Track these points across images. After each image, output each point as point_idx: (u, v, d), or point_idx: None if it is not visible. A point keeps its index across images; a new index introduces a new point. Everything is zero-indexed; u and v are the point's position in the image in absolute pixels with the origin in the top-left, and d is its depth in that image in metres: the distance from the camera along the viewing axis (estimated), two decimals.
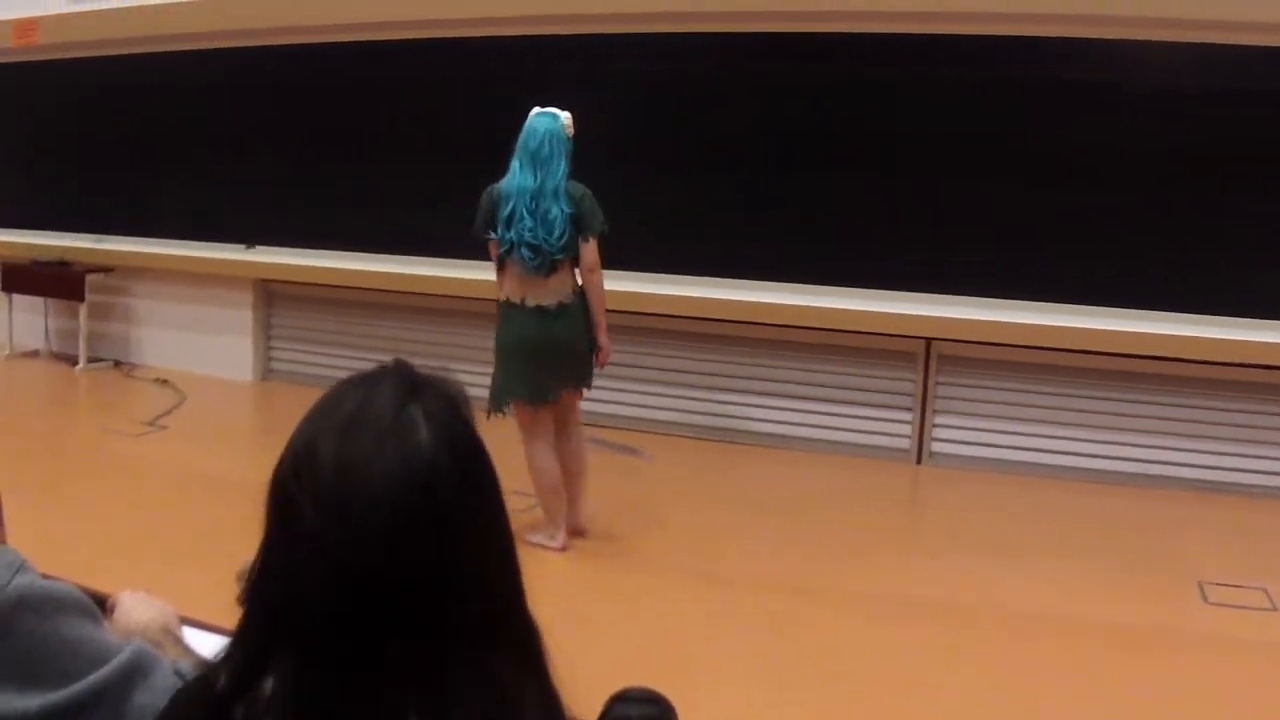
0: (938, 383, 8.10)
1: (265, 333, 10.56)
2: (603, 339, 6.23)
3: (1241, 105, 7.33)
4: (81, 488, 6.68)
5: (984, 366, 7.94)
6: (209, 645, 2.08)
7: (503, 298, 6.16)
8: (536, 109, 6.15)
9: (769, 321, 8.20)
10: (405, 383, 1.38)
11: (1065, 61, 7.54)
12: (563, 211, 5.95)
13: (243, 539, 5.03)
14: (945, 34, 7.75)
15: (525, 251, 5.92)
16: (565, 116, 6.13)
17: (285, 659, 1.30)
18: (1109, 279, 7.53)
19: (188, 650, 1.97)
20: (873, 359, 8.21)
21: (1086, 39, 7.47)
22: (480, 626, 1.33)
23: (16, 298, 11.07)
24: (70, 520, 5.91)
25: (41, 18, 11.08)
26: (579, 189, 6.07)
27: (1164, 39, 7.32)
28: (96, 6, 10.82)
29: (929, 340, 8.02)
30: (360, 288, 9.62)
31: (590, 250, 6.08)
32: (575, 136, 6.16)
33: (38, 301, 11.25)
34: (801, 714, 4.45)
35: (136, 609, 1.98)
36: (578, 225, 6.01)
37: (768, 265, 8.21)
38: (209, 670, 1.41)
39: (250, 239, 10.30)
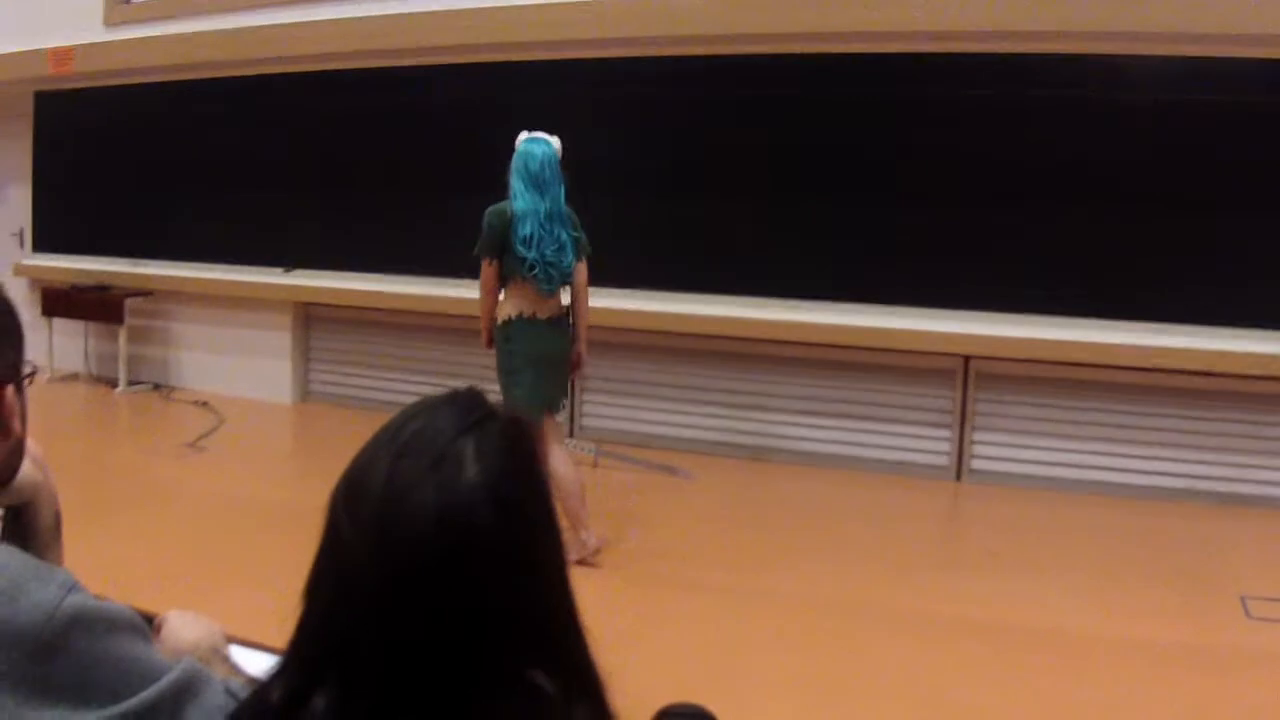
0: (977, 399, 8.08)
1: (304, 355, 10.60)
2: (584, 349, 6.48)
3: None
4: (122, 509, 6.70)
5: (1023, 383, 7.92)
6: (255, 664, 2.09)
7: (513, 315, 6.24)
8: (525, 134, 6.32)
9: (808, 340, 8.20)
10: (467, 412, 1.39)
11: (1098, 78, 7.53)
12: (570, 236, 6.21)
13: (283, 560, 5.04)
14: (975, 52, 7.75)
15: (549, 271, 6.12)
16: (555, 141, 6.31)
17: (334, 678, 1.31)
18: (1149, 294, 7.51)
19: (235, 669, 1.99)
20: (911, 376, 8.20)
21: (1126, 55, 7.46)
22: (528, 654, 1.33)
23: (57, 322, 11.12)
24: (111, 541, 5.93)
25: (78, 46, 11.15)
26: (571, 212, 6.31)
27: (1200, 53, 7.31)
28: (133, 35, 10.89)
29: (967, 358, 8.00)
30: (399, 310, 9.65)
31: (583, 270, 6.36)
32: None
33: (78, 325, 11.31)
34: None
35: (184, 628, 1.99)
36: (575, 246, 6.27)
37: (806, 284, 8.22)
38: (263, 686, 1.41)
39: (289, 262, 10.34)
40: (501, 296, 6.32)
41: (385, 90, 9.73)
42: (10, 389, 1.65)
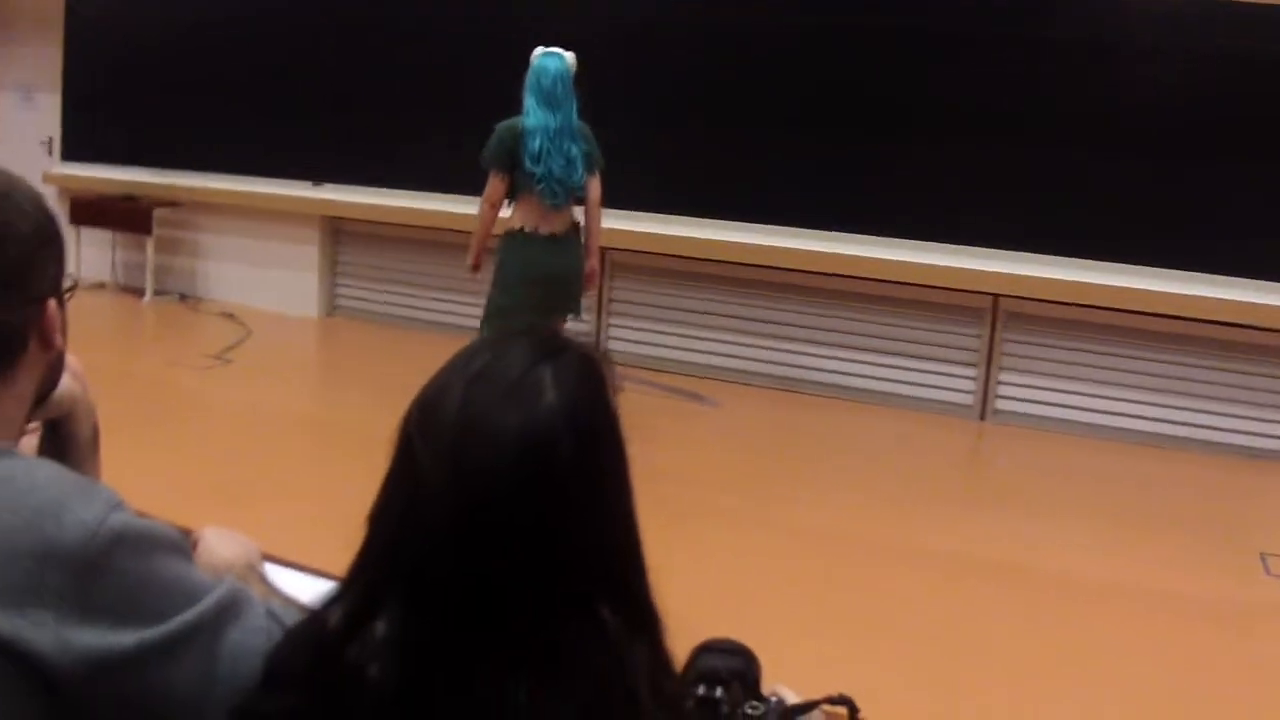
0: (1004, 339, 8.05)
1: (331, 269, 10.59)
2: (596, 264, 6.72)
3: None
4: (149, 421, 6.70)
5: (1052, 325, 7.89)
6: (290, 582, 2.09)
7: (514, 228, 6.46)
8: (540, 49, 6.46)
9: (839, 272, 8.18)
10: (542, 344, 1.38)
11: (1136, 20, 7.46)
12: (580, 150, 6.35)
13: (311, 473, 5.06)
14: None
15: (555, 187, 6.29)
16: (570, 57, 6.47)
17: (397, 603, 1.31)
18: (1183, 242, 7.47)
19: (272, 588, 1.98)
20: (940, 313, 8.18)
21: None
22: (594, 587, 1.33)
23: (84, 231, 11.11)
24: (137, 454, 5.91)
25: None
26: (584, 127, 6.43)
27: None
28: None
29: (997, 296, 7.97)
30: (427, 226, 9.62)
31: (596, 185, 6.54)
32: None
33: (105, 235, 11.32)
34: (871, 668, 4.42)
35: (220, 545, 1.98)
36: (587, 161, 6.41)
37: (839, 215, 8.19)
38: (320, 610, 1.41)
39: (318, 176, 10.32)
40: (510, 211, 6.47)
41: (422, 3, 9.66)
42: (53, 302, 1.64)
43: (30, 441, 1.83)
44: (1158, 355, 7.70)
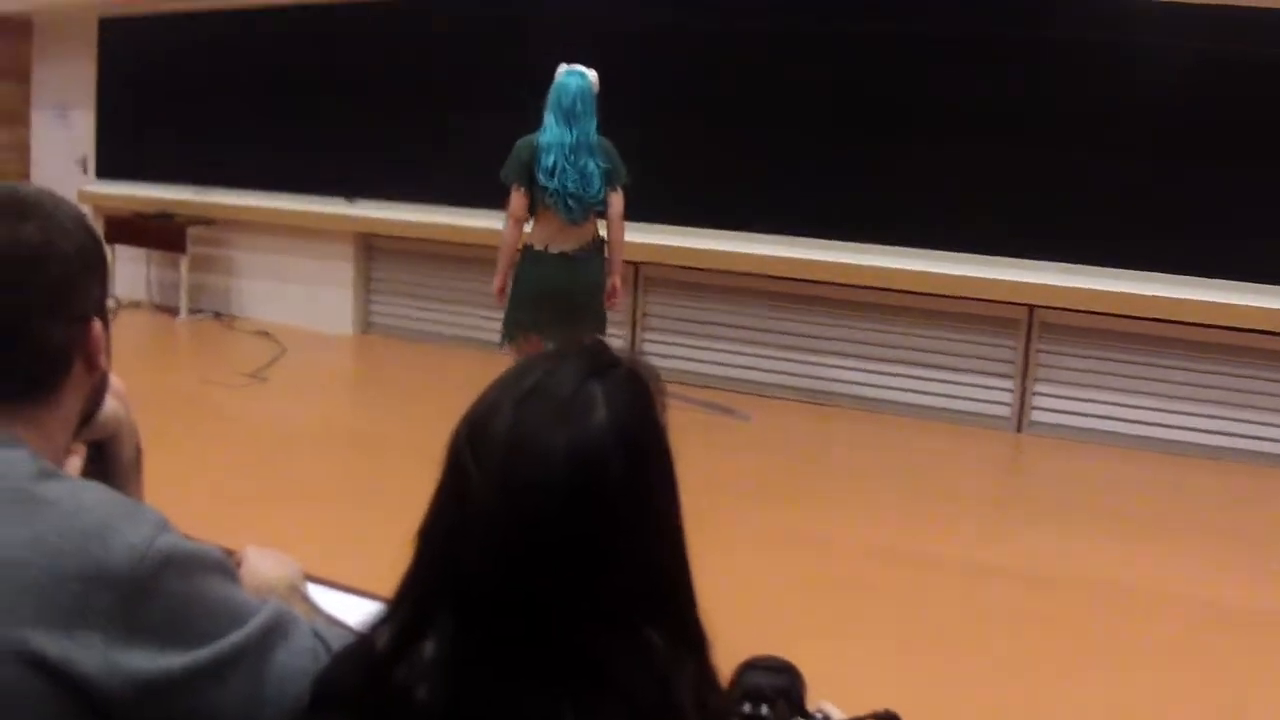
0: (1039, 350, 8.02)
1: (365, 286, 10.62)
2: (618, 281, 6.66)
3: None
4: (185, 439, 6.70)
5: (1088, 335, 7.85)
6: (330, 601, 2.09)
7: (531, 244, 6.59)
8: (564, 66, 6.56)
9: (871, 284, 8.16)
10: (593, 361, 1.38)
11: (1177, 26, 7.42)
12: (598, 166, 6.39)
13: (349, 491, 5.06)
14: None
15: (570, 203, 6.35)
16: (592, 74, 6.52)
17: (446, 622, 1.31)
18: (1218, 250, 7.42)
19: (315, 608, 1.98)
20: (975, 324, 8.15)
21: (1201, 3, 7.35)
22: (642, 605, 1.33)
23: (119, 249, 11.16)
24: (174, 472, 5.90)
25: None
26: (606, 143, 6.49)
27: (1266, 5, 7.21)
28: None
29: (1032, 307, 7.94)
30: (460, 243, 9.63)
31: (618, 200, 6.53)
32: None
33: (140, 253, 11.37)
34: (914, 683, 4.41)
35: (264, 565, 1.98)
36: (607, 177, 6.43)
37: (871, 227, 8.17)
38: (369, 630, 1.41)
39: (351, 193, 10.35)
40: (531, 227, 6.57)
41: (451, 17, 9.69)
42: (97, 323, 1.64)
43: (74, 462, 1.83)
44: (1195, 364, 7.65)
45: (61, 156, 12.66)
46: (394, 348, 10.16)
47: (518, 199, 6.49)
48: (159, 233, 11.05)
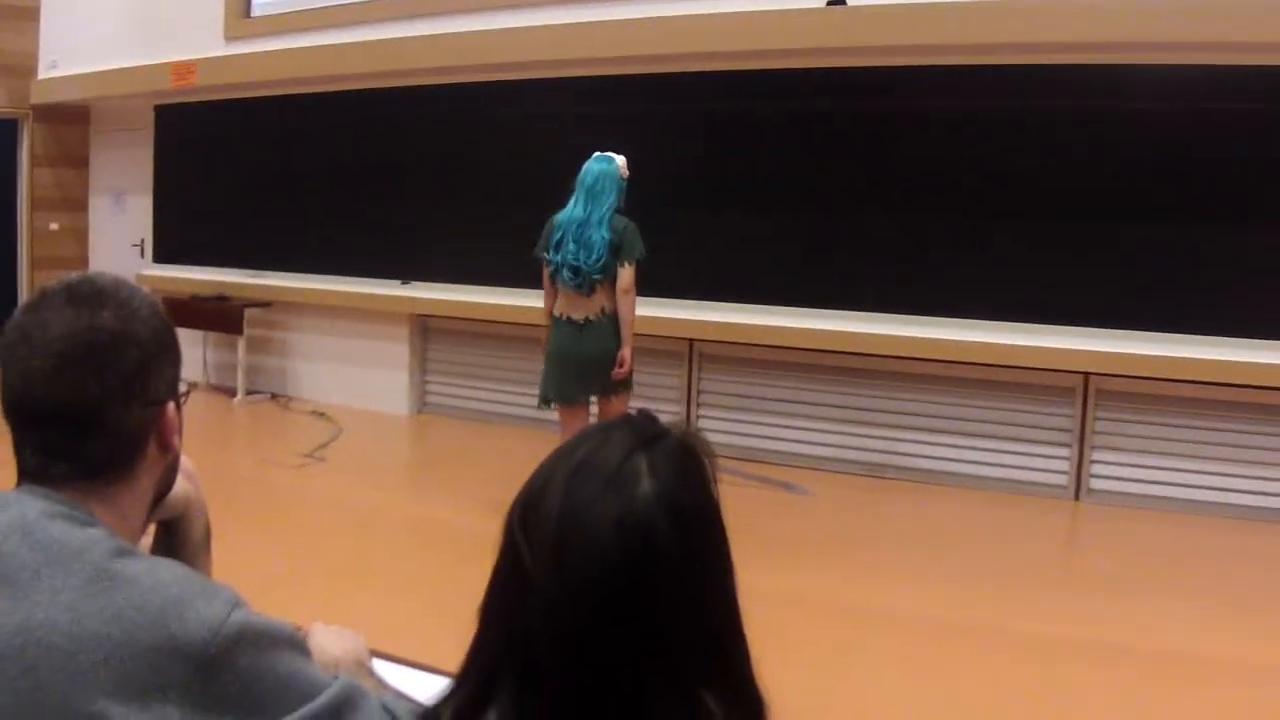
0: (1097, 418, 7.98)
1: (420, 366, 10.68)
2: (625, 353, 6.81)
3: None
4: (244, 519, 6.73)
5: (1145, 401, 7.81)
6: (394, 676, 2.11)
7: (552, 313, 6.99)
8: (596, 154, 6.96)
9: (926, 356, 8.14)
10: (640, 432, 1.40)
11: (1236, 90, 7.42)
12: (603, 238, 6.65)
13: (408, 569, 5.09)
14: (1100, 64, 7.68)
15: (566, 273, 6.72)
16: (620, 160, 6.90)
17: (507, 696, 1.33)
18: (1274, 311, 7.38)
19: (381, 683, 2.00)
20: (1031, 394, 8.12)
21: (1247, 65, 7.36)
22: (698, 671, 1.34)
23: (176, 331, 11.23)
24: (235, 552, 5.96)
25: (200, 60, 11.31)
26: (622, 221, 6.73)
27: None
28: (253, 49, 11.04)
29: (1087, 375, 7.91)
30: (514, 322, 9.68)
31: (626, 274, 6.71)
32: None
33: (197, 335, 11.46)
34: None
35: (330, 641, 2.01)
36: (616, 252, 6.67)
37: (924, 299, 8.17)
38: (436, 704, 1.43)
39: (406, 274, 10.43)
40: None
41: (503, 103, 9.80)
42: (170, 406, 1.68)
43: (144, 540, 1.86)
44: (1253, 427, 7.59)
45: (119, 241, 12.83)
46: (450, 427, 10.20)
47: (545, 271, 6.92)
48: (216, 315, 11.15)
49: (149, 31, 11.79)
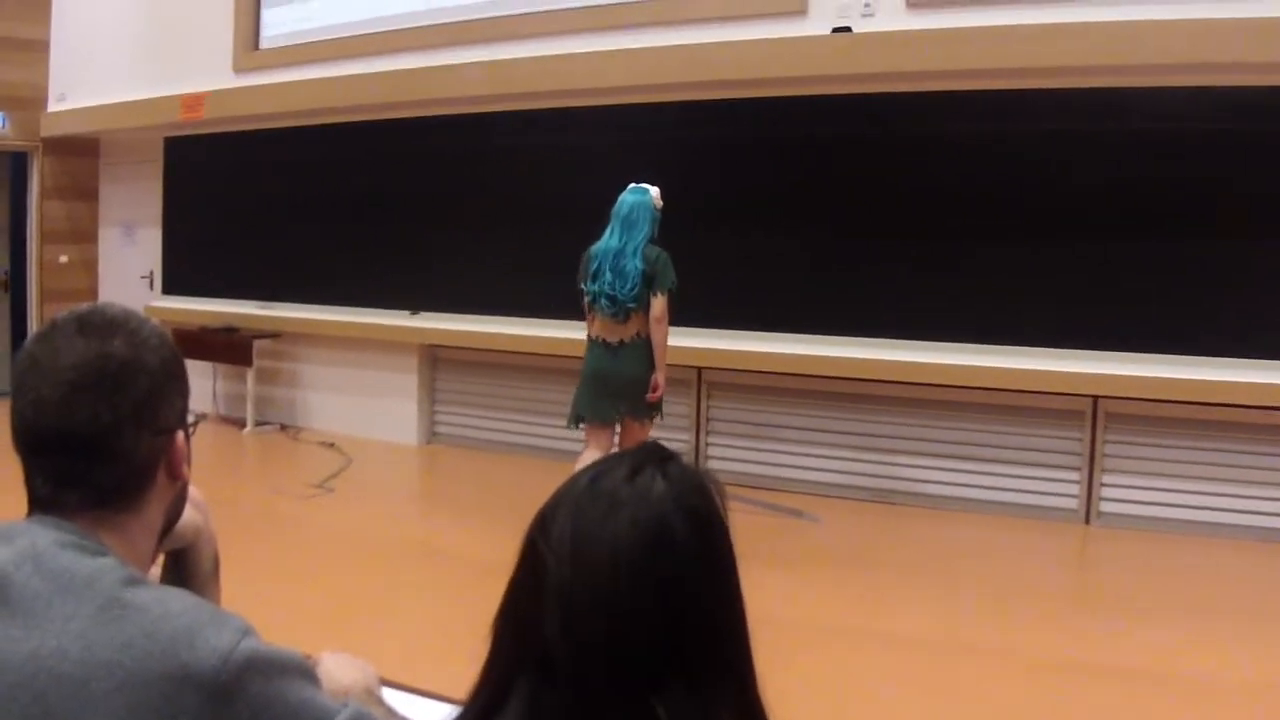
0: (1106, 440, 7.98)
1: (430, 397, 10.69)
2: (659, 378, 7.07)
3: None
4: (255, 549, 6.74)
5: (1155, 424, 7.81)
6: (404, 705, 2.12)
7: (589, 335, 7.25)
8: (631, 185, 7.22)
9: (934, 382, 8.14)
10: (650, 454, 1.44)
11: (1242, 110, 7.43)
12: (637, 268, 6.92)
13: (418, 599, 5.09)
14: (1104, 86, 7.69)
15: (604, 301, 7.00)
16: (654, 191, 7.17)
17: (522, 701, 1.36)
18: None
19: (391, 711, 2.01)
20: (1039, 418, 8.12)
21: (1249, 85, 7.37)
22: (710, 675, 1.35)
23: (186, 363, 11.25)
24: (244, 582, 5.96)
25: (208, 92, 11.35)
26: (655, 251, 6.98)
27: None
28: (261, 81, 11.08)
29: (1096, 398, 7.91)
30: (523, 352, 9.71)
31: (659, 303, 6.95)
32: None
33: (206, 366, 11.48)
34: None
35: (340, 670, 2.02)
36: (650, 282, 6.92)
37: (931, 324, 8.17)
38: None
39: (415, 305, 10.44)
40: None
41: (512, 132, 9.83)
42: (180, 435, 1.70)
43: (153, 571, 1.87)
44: (1264, 449, 7.56)
45: (129, 273, 12.86)
46: (459, 457, 10.20)
47: (584, 301, 7.15)
48: (225, 346, 11.18)
49: (158, 64, 11.84)
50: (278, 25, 11.35)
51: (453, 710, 1.47)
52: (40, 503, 1.58)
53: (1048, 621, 6.16)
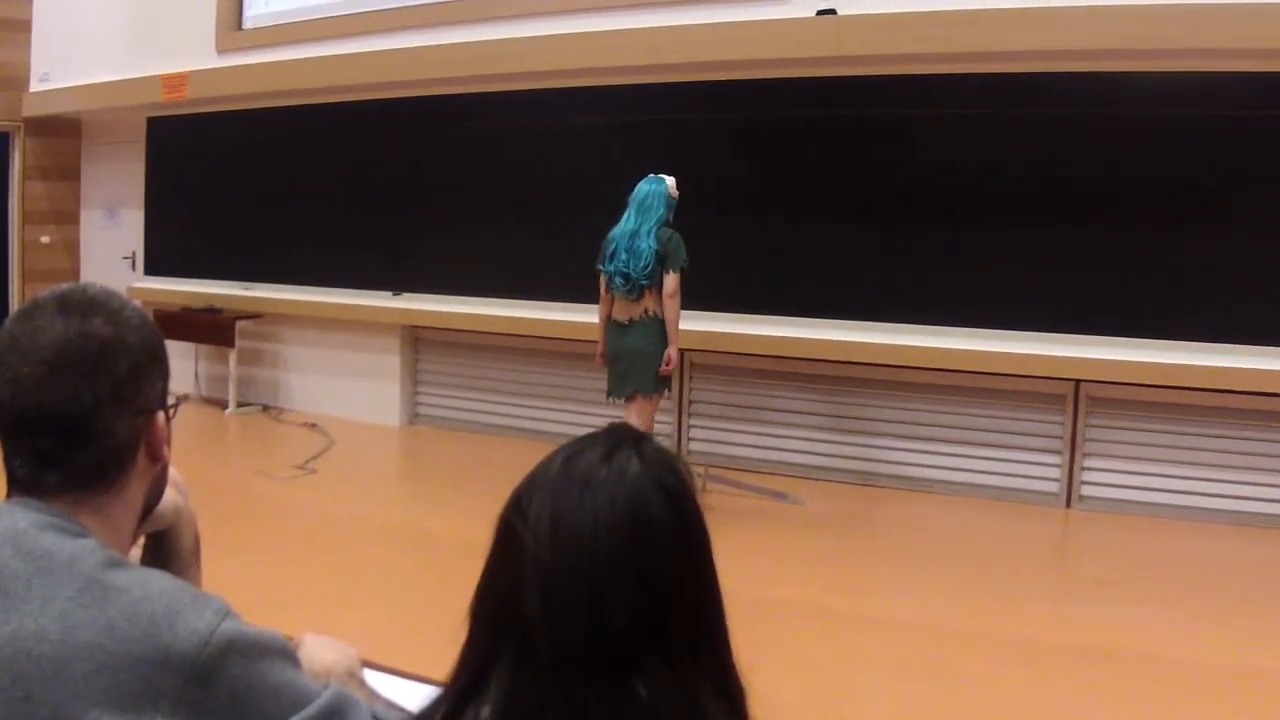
0: (1087, 425, 7.99)
1: (412, 378, 10.68)
2: (672, 351, 7.36)
3: None
4: (236, 530, 6.73)
5: (1135, 408, 7.83)
6: (386, 686, 2.12)
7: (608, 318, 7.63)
8: (649, 175, 7.52)
9: (916, 365, 8.15)
10: (621, 435, 1.45)
11: (1225, 96, 7.44)
12: (650, 248, 7.26)
13: (400, 582, 5.08)
14: (1086, 71, 7.70)
15: (619, 280, 7.35)
16: (670, 180, 7.51)
17: (502, 681, 1.35)
18: (1264, 318, 7.40)
19: (372, 693, 2.01)
20: (1021, 401, 8.13)
21: (1237, 71, 7.38)
22: (685, 661, 1.36)
23: (168, 344, 11.19)
24: (225, 563, 5.94)
25: (191, 72, 11.32)
26: (667, 232, 7.33)
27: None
28: (244, 61, 11.05)
29: (1078, 382, 7.92)
30: (506, 333, 9.71)
31: (671, 280, 7.29)
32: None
33: (189, 347, 11.47)
34: None
35: (321, 651, 2.02)
36: (662, 261, 7.25)
37: (915, 307, 8.18)
38: (429, 708, 1.44)
39: (397, 286, 10.43)
40: None
41: (495, 114, 9.82)
42: (160, 416, 1.69)
43: (133, 552, 1.87)
44: (1244, 433, 7.59)
45: (110, 253, 12.83)
46: (441, 438, 10.20)
47: (601, 282, 7.53)
48: (207, 327, 11.15)
49: (141, 44, 11.81)
50: (260, 5, 11.33)
51: (434, 691, 1.47)
52: (20, 484, 1.58)
53: (1026, 603, 6.17)
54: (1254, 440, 7.57)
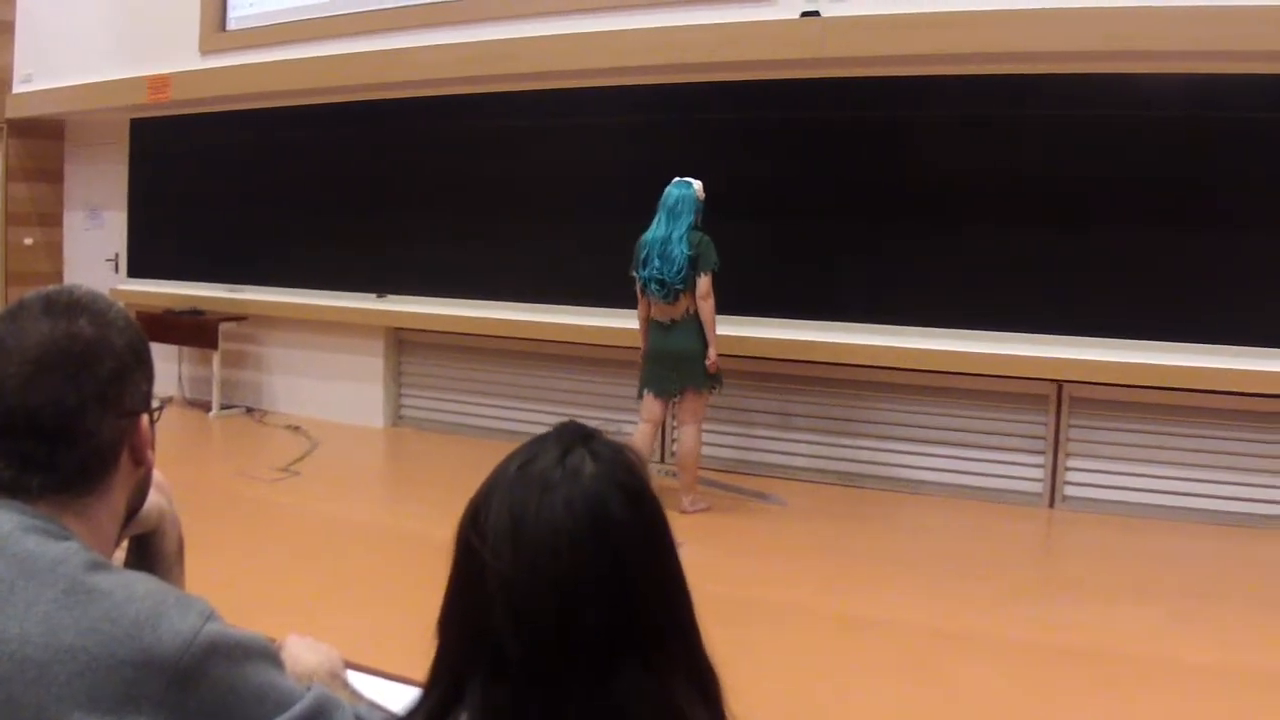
0: (1070, 425, 8.01)
1: (396, 380, 10.67)
2: (711, 351, 7.55)
3: None
4: (219, 533, 6.72)
5: (1118, 408, 7.85)
6: (369, 688, 2.13)
7: (648, 319, 7.80)
8: (676, 179, 7.67)
9: (899, 366, 8.16)
10: (572, 434, 1.46)
11: (1203, 98, 7.46)
12: (683, 253, 7.42)
13: (381, 583, 5.09)
14: (1067, 73, 7.71)
15: (655, 286, 7.53)
16: (697, 184, 7.65)
17: (475, 693, 1.35)
18: (1245, 318, 7.42)
19: (355, 694, 2.01)
20: (1004, 402, 8.15)
21: (1217, 74, 7.40)
22: (658, 657, 1.37)
23: (151, 346, 11.21)
24: (209, 565, 5.94)
25: (175, 74, 11.30)
26: (698, 235, 7.48)
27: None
28: (228, 63, 11.04)
29: (1061, 383, 7.94)
30: (489, 335, 9.71)
31: (704, 282, 7.44)
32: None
33: (172, 349, 11.46)
34: None
35: (304, 653, 2.03)
36: (695, 264, 7.41)
37: (897, 309, 8.19)
38: (406, 714, 1.45)
39: (381, 288, 10.42)
40: None
41: (480, 115, 9.82)
42: (144, 418, 1.69)
43: (117, 555, 1.87)
44: (1226, 433, 7.62)
45: (94, 255, 12.80)
46: (425, 440, 10.20)
47: (637, 286, 7.70)
48: (191, 329, 11.13)
49: (124, 45, 11.78)
50: (244, 6, 11.31)
51: (417, 693, 1.48)
52: (3, 487, 1.57)
53: (1010, 603, 6.18)
54: (1236, 440, 7.60)
